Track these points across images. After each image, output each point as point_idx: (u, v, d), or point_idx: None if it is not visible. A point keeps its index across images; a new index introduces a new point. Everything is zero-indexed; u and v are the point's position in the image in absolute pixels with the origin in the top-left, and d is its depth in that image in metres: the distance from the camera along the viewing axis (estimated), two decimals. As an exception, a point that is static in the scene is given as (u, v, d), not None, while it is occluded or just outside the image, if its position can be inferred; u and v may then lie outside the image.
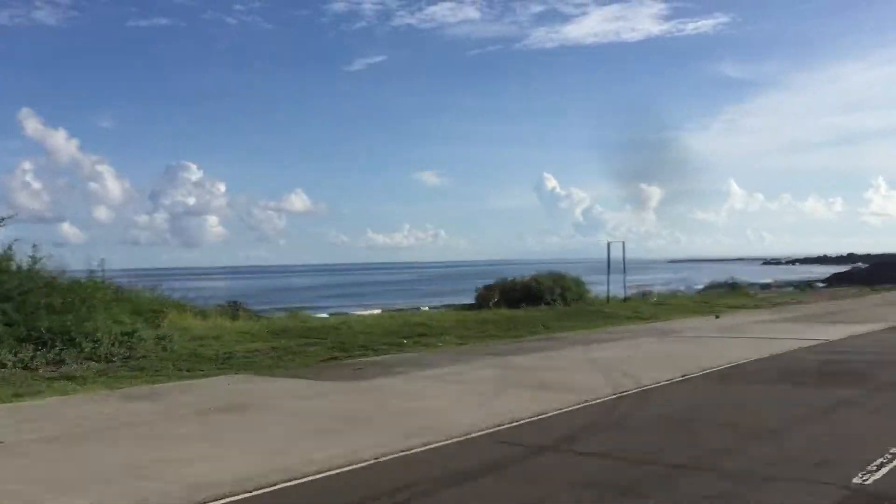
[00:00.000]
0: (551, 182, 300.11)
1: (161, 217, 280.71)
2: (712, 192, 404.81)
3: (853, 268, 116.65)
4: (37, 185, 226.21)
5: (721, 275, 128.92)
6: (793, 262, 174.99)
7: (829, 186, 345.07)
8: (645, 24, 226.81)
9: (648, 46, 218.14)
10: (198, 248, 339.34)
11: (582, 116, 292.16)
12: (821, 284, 77.07)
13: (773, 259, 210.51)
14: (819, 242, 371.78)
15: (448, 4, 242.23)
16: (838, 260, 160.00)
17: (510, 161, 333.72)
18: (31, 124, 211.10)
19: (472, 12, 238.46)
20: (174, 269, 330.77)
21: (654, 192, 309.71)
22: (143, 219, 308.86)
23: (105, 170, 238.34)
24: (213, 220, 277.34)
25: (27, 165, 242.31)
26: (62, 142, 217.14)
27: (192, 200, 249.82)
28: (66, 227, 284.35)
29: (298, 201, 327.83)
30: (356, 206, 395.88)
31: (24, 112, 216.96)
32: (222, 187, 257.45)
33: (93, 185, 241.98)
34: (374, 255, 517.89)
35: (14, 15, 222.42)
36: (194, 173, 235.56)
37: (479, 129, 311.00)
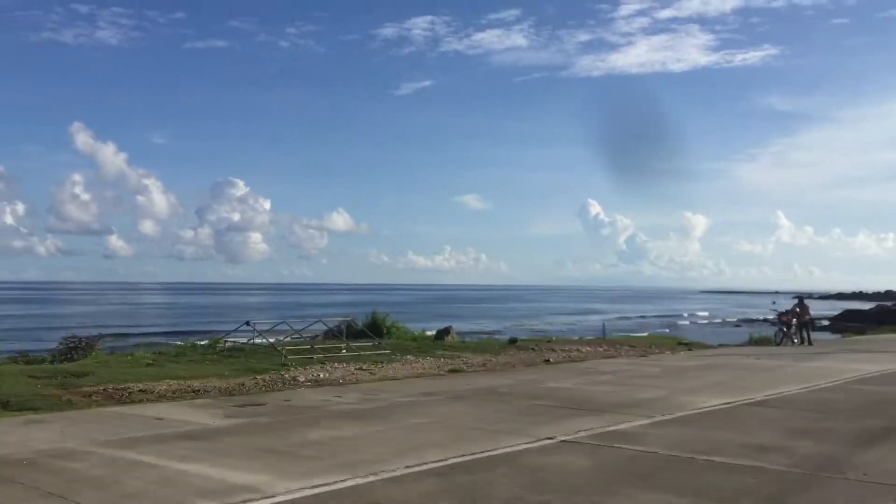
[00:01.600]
0: (595, 208, 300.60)
1: (206, 232, 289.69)
2: (760, 224, 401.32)
3: (878, 305, 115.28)
4: (85, 196, 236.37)
5: (734, 307, 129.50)
6: (826, 297, 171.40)
7: (881, 222, 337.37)
8: (692, 54, 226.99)
9: (695, 77, 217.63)
10: (242, 264, 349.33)
11: (629, 144, 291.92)
12: (824, 322, 77.53)
13: (805, 293, 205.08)
14: (869, 279, 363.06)
15: (496, 32, 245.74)
16: (874, 296, 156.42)
17: (554, 187, 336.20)
18: (82, 138, 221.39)
19: (519, 40, 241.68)
20: (219, 283, 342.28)
21: (700, 222, 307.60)
22: (188, 233, 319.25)
23: (153, 184, 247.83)
24: (256, 236, 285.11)
25: (77, 178, 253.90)
26: (111, 155, 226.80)
27: (237, 216, 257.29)
28: (114, 240, 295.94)
29: (340, 220, 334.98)
30: (397, 228, 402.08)
31: (76, 126, 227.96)
32: (267, 204, 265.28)
33: (140, 199, 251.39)
34: (414, 276, 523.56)
35: (79, 34, 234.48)
36: (240, 189, 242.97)
37: (523, 154, 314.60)
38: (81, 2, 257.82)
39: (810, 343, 27.22)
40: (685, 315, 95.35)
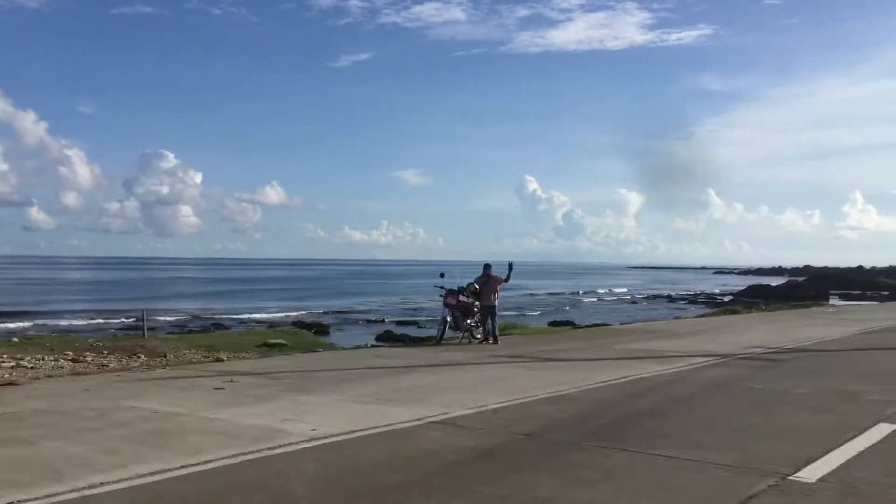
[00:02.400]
0: (532, 185, 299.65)
1: (133, 205, 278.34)
2: (692, 201, 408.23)
3: (789, 281, 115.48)
4: (3, 166, 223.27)
5: (653, 283, 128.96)
6: (746, 272, 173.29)
7: (807, 200, 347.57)
8: (629, 32, 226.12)
9: (632, 55, 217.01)
10: (171, 237, 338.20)
11: (565, 121, 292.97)
12: (726, 298, 75.82)
13: (726, 268, 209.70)
14: (796, 255, 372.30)
15: (434, 4, 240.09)
16: (792, 272, 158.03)
17: (492, 163, 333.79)
18: None
19: (457, 13, 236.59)
20: (148, 258, 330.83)
21: (634, 199, 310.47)
22: (115, 206, 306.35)
23: (76, 154, 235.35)
24: (186, 209, 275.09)
25: None
26: (31, 124, 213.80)
27: (165, 189, 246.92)
28: (35, 212, 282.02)
29: (274, 194, 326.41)
30: (334, 202, 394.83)
31: None
32: (198, 177, 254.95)
33: (63, 170, 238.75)
34: (351, 251, 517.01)
35: None
36: (170, 162, 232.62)
37: (462, 130, 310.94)
38: None
39: (496, 340, 17.03)
40: (599, 291, 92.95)
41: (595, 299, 76.53)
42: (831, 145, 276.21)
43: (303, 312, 48.99)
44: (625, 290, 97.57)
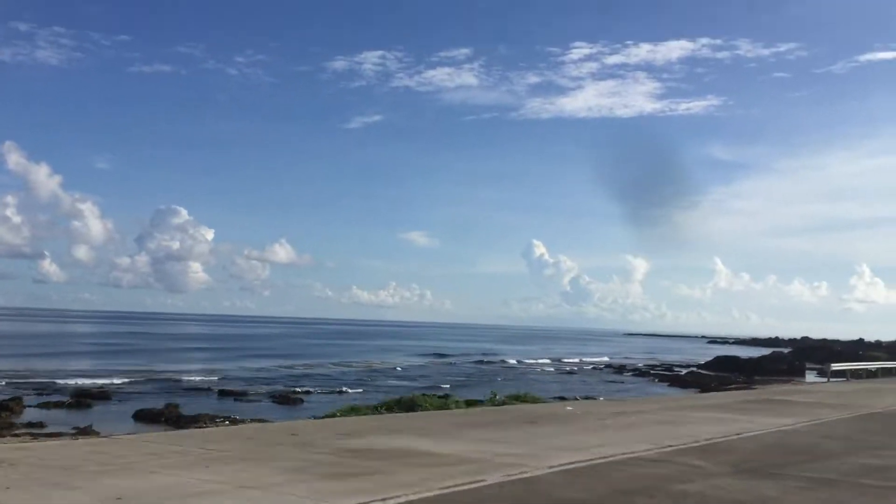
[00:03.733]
0: (540, 249, 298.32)
1: (144, 260, 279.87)
2: (698, 269, 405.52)
3: (774, 352, 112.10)
4: (17, 219, 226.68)
5: (634, 351, 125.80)
6: (741, 342, 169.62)
7: (815, 271, 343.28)
8: (638, 101, 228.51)
9: (641, 123, 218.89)
10: (181, 293, 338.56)
11: (573, 186, 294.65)
12: (682, 371, 73.00)
13: (719, 338, 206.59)
14: (803, 326, 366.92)
15: (446, 69, 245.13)
16: (790, 343, 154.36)
17: (500, 226, 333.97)
18: (14, 158, 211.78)
19: (469, 79, 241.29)
20: (157, 314, 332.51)
21: (641, 265, 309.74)
22: (125, 261, 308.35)
23: (88, 208, 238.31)
24: (196, 266, 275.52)
25: (9, 199, 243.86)
26: (44, 178, 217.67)
27: (176, 245, 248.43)
28: (46, 265, 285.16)
29: (283, 252, 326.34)
30: (342, 261, 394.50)
31: (7, 146, 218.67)
32: (210, 234, 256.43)
33: (76, 224, 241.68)
34: (359, 311, 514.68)
35: (17, 53, 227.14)
36: (183, 218, 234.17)
37: (471, 192, 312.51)
38: (21, 19, 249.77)
39: None
40: (567, 360, 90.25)
41: (552, 368, 74.20)
42: (839, 218, 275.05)
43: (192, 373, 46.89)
44: (604, 358, 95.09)
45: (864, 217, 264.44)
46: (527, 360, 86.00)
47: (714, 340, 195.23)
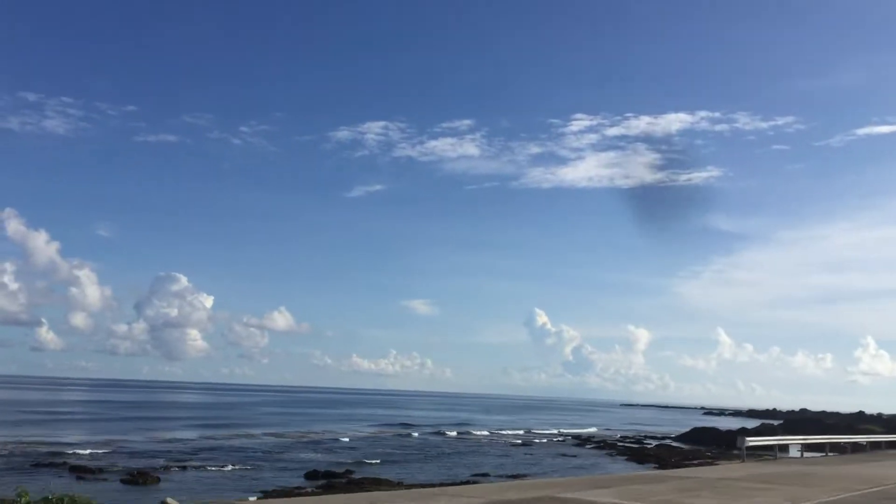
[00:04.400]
0: (542, 318, 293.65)
1: (142, 327, 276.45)
2: (702, 340, 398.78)
3: (762, 424, 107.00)
4: (14, 286, 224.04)
5: (620, 423, 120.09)
6: (737, 413, 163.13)
7: (819, 343, 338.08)
8: (639, 172, 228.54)
9: (642, 193, 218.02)
10: (179, 361, 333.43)
11: (575, 256, 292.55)
12: (651, 444, 68.00)
13: (716, 409, 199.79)
14: (808, 399, 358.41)
15: (449, 140, 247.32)
16: (786, 414, 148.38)
17: (502, 295, 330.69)
18: (13, 225, 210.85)
19: (471, 149, 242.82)
20: (154, 382, 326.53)
21: (642, 335, 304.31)
22: (123, 328, 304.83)
23: (85, 275, 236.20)
24: (194, 333, 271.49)
25: (7, 266, 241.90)
26: (42, 244, 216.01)
27: (174, 312, 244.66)
28: (44, 332, 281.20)
29: (281, 319, 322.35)
30: (342, 329, 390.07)
31: (7, 212, 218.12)
32: (210, 301, 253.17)
33: (73, 291, 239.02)
34: (359, 380, 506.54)
35: (25, 122, 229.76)
36: (182, 285, 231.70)
37: (472, 260, 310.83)
38: (30, 89, 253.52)
39: None
40: (543, 431, 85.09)
41: (518, 441, 69.15)
42: (842, 289, 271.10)
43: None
44: (591, 429, 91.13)
45: (868, 288, 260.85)
46: (498, 431, 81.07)
47: (710, 412, 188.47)
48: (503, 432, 79.05)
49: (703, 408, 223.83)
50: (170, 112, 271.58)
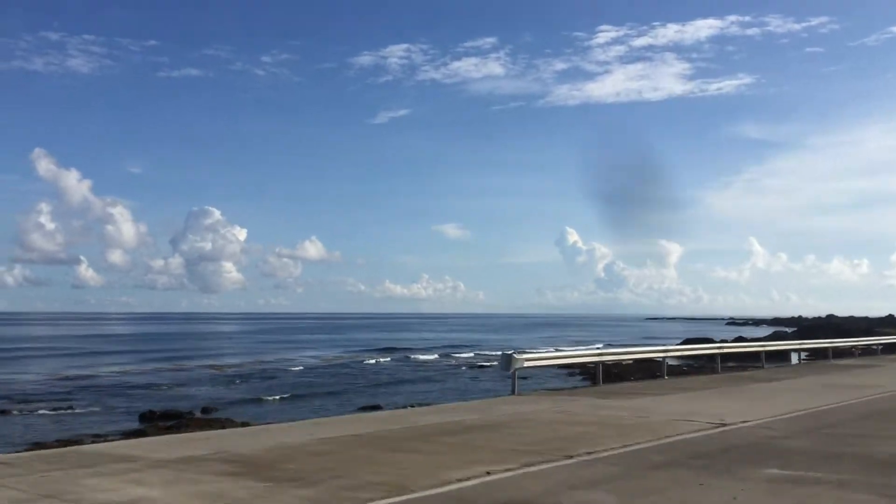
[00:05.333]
0: (573, 237, 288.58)
1: (177, 262, 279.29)
2: (734, 251, 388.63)
3: (775, 332, 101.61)
4: (51, 226, 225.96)
5: (629, 336, 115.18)
6: (760, 322, 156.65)
7: (854, 249, 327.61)
8: (668, 83, 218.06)
9: (671, 106, 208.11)
10: (216, 293, 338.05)
11: (605, 172, 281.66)
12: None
13: (740, 319, 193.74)
14: (845, 305, 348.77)
15: (472, 60, 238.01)
16: (813, 321, 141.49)
17: (532, 215, 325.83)
18: (44, 165, 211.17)
19: (496, 68, 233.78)
20: (193, 314, 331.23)
21: (675, 249, 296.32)
22: (160, 263, 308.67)
23: (119, 212, 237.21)
24: (229, 266, 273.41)
25: (43, 206, 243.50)
26: (75, 183, 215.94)
27: (210, 246, 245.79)
28: (83, 270, 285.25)
29: (313, 249, 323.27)
30: (373, 256, 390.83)
31: (37, 153, 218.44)
32: (243, 234, 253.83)
33: (109, 228, 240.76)
34: (393, 305, 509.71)
35: (49, 62, 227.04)
36: (216, 218, 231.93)
37: (501, 182, 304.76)
38: (51, 29, 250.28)
39: None
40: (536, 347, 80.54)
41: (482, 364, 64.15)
42: (876, 193, 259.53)
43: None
44: (598, 345, 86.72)
45: None
46: (482, 353, 76.60)
47: (734, 321, 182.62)
48: (484, 353, 74.48)
49: (731, 318, 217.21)
50: (191, 45, 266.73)
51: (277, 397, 36.25)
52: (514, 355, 18.40)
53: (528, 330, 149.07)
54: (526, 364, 18.98)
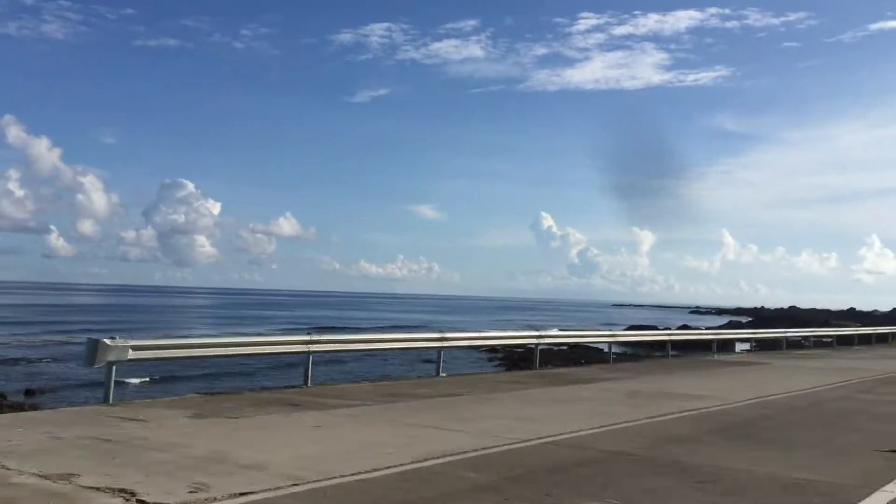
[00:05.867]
0: (548, 221, 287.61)
1: (149, 234, 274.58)
2: (706, 241, 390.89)
3: (730, 321, 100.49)
4: (20, 193, 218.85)
5: (578, 320, 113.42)
6: (721, 311, 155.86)
7: (824, 242, 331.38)
8: (646, 72, 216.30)
9: (649, 95, 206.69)
10: (189, 267, 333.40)
11: (581, 159, 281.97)
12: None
13: (703, 308, 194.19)
14: (813, 298, 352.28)
15: (453, 42, 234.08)
16: (774, 312, 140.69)
17: (508, 198, 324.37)
18: (14, 132, 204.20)
19: (476, 51, 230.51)
20: (166, 287, 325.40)
21: (647, 237, 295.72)
22: (132, 234, 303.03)
23: (90, 182, 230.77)
24: (202, 239, 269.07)
25: (10, 173, 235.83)
26: (45, 151, 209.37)
27: (183, 219, 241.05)
28: (53, 239, 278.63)
29: (287, 225, 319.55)
30: (348, 235, 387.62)
31: (7, 119, 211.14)
32: (217, 208, 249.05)
33: (80, 198, 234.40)
34: (368, 284, 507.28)
35: (22, 27, 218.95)
36: (189, 191, 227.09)
37: (479, 165, 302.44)
38: None
39: None
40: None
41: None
42: (848, 188, 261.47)
43: None
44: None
45: (874, 187, 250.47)
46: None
47: (697, 310, 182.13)
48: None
49: (697, 307, 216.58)
50: (169, 15, 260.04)
51: (138, 381, 32.89)
52: (106, 341, 11.13)
53: (487, 313, 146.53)
54: (133, 355, 11.46)
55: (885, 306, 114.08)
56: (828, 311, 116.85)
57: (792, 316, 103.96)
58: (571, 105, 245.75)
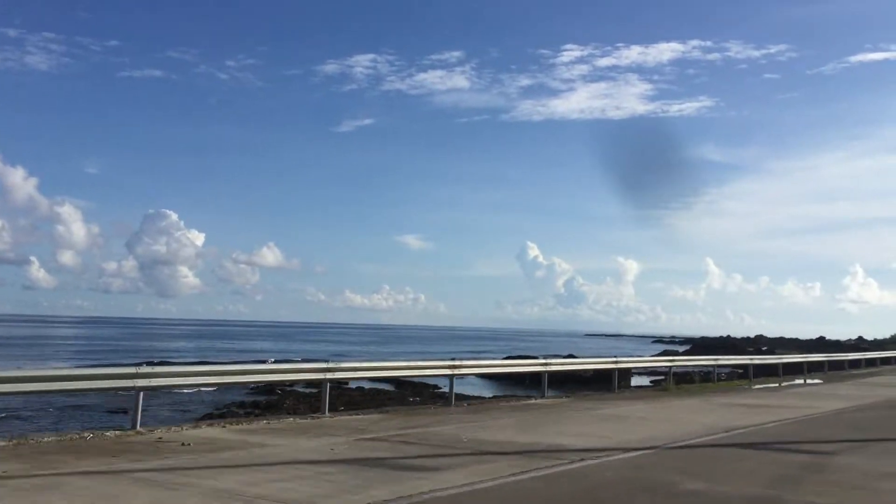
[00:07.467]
0: (534, 251, 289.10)
1: (131, 265, 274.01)
2: (691, 271, 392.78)
3: (664, 350, 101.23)
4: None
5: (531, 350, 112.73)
6: (685, 341, 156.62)
7: (808, 272, 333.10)
8: (630, 103, 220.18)
9: (633, 124, 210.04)
10: (173, 298, 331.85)
11: (566, 189, 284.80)
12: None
13: (667, 337, 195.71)
14: (797, 327, 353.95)
15: (438, 73, 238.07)
16: (743, 342, 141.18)
17: (494, 228, 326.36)
18: None
19: (461, 81, 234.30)
20: (147, 319, 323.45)
21: (633, 267, 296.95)
22: (113, 266, 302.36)
23: (69, 213, 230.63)
24: (185, 270, 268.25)
25: None
26: (19, 180, 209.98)
27: (165, 249, 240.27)
28: (35, 270, 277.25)
29: (271, 255, 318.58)
30: (333, 265, 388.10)
31: None
32: (200, 238, 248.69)
33: (59, 229, 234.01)
34: (353, 315, 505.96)
35: (6, 58, 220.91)
36: (173, 222, 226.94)
37: (464, 195, 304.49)
38: (11, 25, 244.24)
39: None
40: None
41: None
42: (831, 219, 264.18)
43: None
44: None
45: (857, 217, 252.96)
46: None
47: (660, 340, 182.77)
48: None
49: (660, 337, 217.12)
50: (154, 47, 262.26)
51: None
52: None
53: (454, 343, 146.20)
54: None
55: (870, 336, 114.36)
56: (796, 340, 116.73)
57: (730, 344, 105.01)
58: (556, 135, 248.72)
